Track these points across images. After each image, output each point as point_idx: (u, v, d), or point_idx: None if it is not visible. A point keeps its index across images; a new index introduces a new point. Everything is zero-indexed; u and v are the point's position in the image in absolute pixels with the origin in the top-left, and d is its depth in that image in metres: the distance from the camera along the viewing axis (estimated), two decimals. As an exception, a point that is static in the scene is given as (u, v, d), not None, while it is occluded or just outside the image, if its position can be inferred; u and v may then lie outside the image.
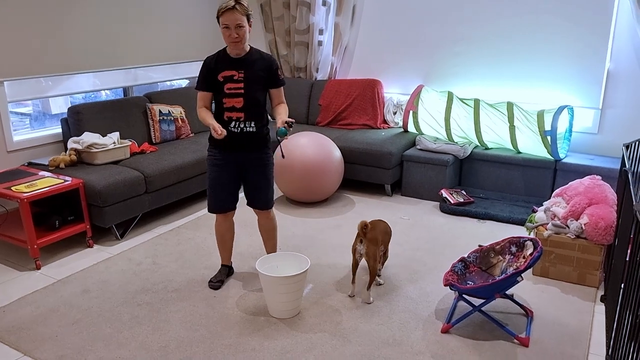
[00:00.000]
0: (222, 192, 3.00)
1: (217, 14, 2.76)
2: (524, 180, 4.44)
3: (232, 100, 2.84)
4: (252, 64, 2.86)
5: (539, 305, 2.96)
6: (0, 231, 3.58)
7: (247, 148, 2.93)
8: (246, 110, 2.86)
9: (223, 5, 2.73)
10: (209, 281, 3.17)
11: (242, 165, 2.97)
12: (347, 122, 5.26)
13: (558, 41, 4.51)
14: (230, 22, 2.72)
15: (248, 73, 2.84)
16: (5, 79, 3.86)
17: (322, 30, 5.39)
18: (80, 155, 3.97)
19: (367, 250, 2.90)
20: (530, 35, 4.60)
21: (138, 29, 4.76)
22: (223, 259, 3.26)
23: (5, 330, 2.73)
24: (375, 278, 2.98)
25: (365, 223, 2.88)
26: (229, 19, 2.72)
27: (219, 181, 2.97)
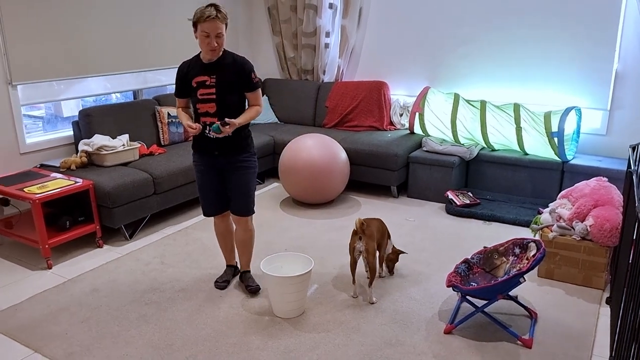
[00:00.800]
0: (211, 196, 3.04)
1: (195, 19, 2.71)
2: (531, 181, 4.43)
3: (205, 105, 2.84)
4: (224, 68, 2.83)
5: (544, 307, 2.96)
6: (13, 231, 3.66)
7: (224, 152, 2.90)
8: (219, 115, 2.82)
9: (204, 14, 2.68)
10: (215, 281, 3.22)
11: (223, 169, 2.97)
12: (354, 124, 5.29)
13: (565, 42, 4.50)
14: (211, 31, 2.70)
15: (220, 78, 2.82)
16: (18, 82, 3.94)
17: (329, 33, 5.43)
18: (90, 157, 4.04)
19: (366, 247, 2.92)
20: (538, 36, 4.60)
21: (147, 32, 4.83)
22: (227, 260, 3.31)
23: (16, 328, 2.80)
24: (375, 275, 3.01)
25: (362, 221, 2.92)
26: (210, 28, 2.69)
27: (205, 186, 3.02)
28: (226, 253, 3.28)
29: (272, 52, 6.05)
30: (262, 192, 4.92)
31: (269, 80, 5.93)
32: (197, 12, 2.72)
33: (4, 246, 3.83)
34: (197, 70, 2.85)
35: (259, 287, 3.13)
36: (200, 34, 2.73)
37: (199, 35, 2.74)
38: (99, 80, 4.58)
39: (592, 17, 4.35)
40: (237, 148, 2.92)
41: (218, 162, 2.94)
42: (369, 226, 2.97)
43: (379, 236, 3.08)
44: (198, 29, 2.72)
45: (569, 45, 4.49)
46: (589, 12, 4.35)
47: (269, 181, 5.25)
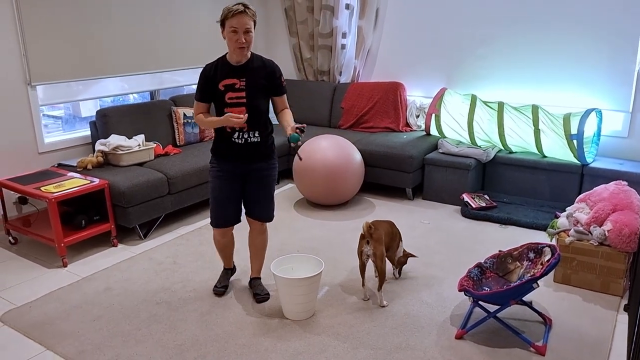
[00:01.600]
0: (227, 205, 2.88)
1: (223, 17, 2.64)
2: (549, 185, 4.35)
3: (235, 110, 2.71)
4: (253, 71, 2.73)
5: (559, 313, 2.90)
6: (31, 230, 3.72)
7: (252, 159, 2.81)
8: (249, 119, 2.71)
9: (232, 8, 2.61)
10: (214, 287, 3.13)
11: (245, 176, 2.86)
12: (369, 125, 5.26)
13: (587, 42, 4.41)
14: (240, 26, 2.60)
15: (250, 81, 2.72)
16: (37, 83, 4.01)
17: (346, 34, 5.41)
18: (106, 156, 4.09)
19: (374, 250, 2.89)
20: (557, 37, 4.51)
21: (164, 34, 4.88)
22: (227, 264, 3.20)
23: (30, 325, 2.84)
24: (385, 279, 2.97)
25: (369, 224, 2.89)
26: (239, 23, 2.60)
27: (223, 194, 2.85)
28: (226, 258, 3.17)
29: (289, 53, 6.05)
30: (277, 193, 4.92)
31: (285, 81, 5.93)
32: (224, 10, 2.65)
33: (22, 244, 3.90)
34: (224, 72, 2.72)
35: (268, 296, 3.06)
36: (228, 31, 2.63)
37: (227, 33, 2.64)
38: (116, 81, 4.64)
39: (614, 18, 4.24)
40: (265, 154, 2.85)
41: (242, 168, 2.82)
42: (377, 229, 2.93)
43: (388, 239, 3.05)
44: (226, 26, 2.64)
45: (590, 46, 4.40)
46: (611, 13, 4.25)
47: (284, 182, 5.25)
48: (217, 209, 2.89)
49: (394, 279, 3.26)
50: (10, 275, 3.42)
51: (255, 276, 3.17)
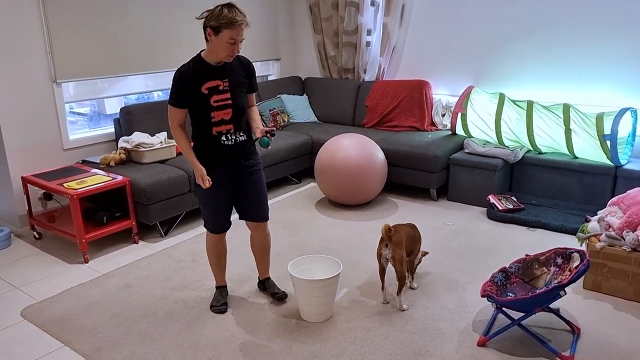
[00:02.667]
0: (224, 210, 2.79)
1: (219, 24, 2.45)
2: (581, 187, 4.18)
3: (221, 112, 2.62)
4: (233, 70, 2.64)
5: (588, 322, 2.77)
6: (54, 225, 3.76)
7: (241, 158, 2.74)
8: (235, 120, 2.66)
9: (235, 20, 2.45)
10: (211, 306, 2.93)
11: (237, 177, 2.77)
12: (394, 124, 5.16)
13: (622, 40, 4.22)
14: (239, 38, 2.50)
15: (232, 80, 2.63)
16: (62, 80, 4.05)
17: (371, 31, 5.32)
18: (129, 154, 4.11)
19: (393, 254, 2.81)
20: (590, 33, 4.33)
21: (188, 31, 4.88)
22: (220, 280, 3.02)
23: (50, 320, 2.86)
24: (404, 283, 2.89)
25: (388, 227, 2.81)
26: (239, 35, 2.49)
27: (220, 200, 2.75)
28: (221, 273, 3.00)
29: (313, 51, 6.00)
30: (298, 192, 4.88)
31: (309, 79, 5.88)
32: (220, 16, 2.45)
33: (46, 239, 3.95)
34: (206, 74, 2.58)
35: (285, 293, 3.01)
36: (223, 40, 2.47)
37: (222, 42, 2.48)
38: (141, 79, 4.66)
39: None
40: (252, 152, 2.81)
41: (234, 169, 2.74)
42: (397, 232, 2.86)
43: (409, 243, 2.96)
44: (222, 34, 2.46)
45: (625, 43, 4.21)
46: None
47: (306, 181, 5.20)
48: (216, 215, 2.79)
49: (412, 289, 3.14)
50: (33, 270, 3.46)
51: (266, 277, 3.10)
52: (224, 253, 2.96)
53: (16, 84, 3.82)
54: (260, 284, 3.13)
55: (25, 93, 3.87)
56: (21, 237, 3.99)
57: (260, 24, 5.63)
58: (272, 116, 5.30)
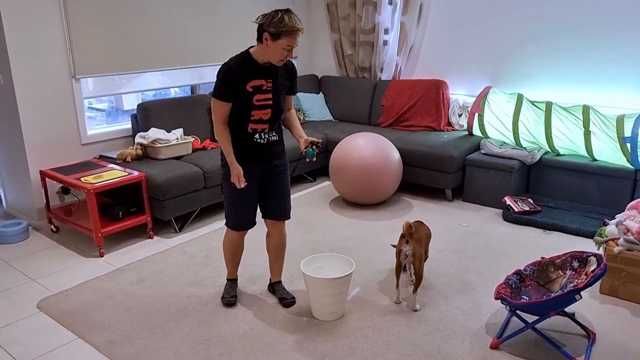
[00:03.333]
0: (252, 209, 2.80)
1: (280, 30, 2.44)
2: (599, 190, 4.11)
3: (261, 112, 2.63)
4: (277, 72, 2.65)
5: (604, 327, 2.72)
6: (71, 219, 3.81)
7: (272, 157, 2.77)
8: (272, 121, 2.69)
9: (295, 27, 2.46)
10: (223, 298, 2.98)
11: (265, 176, 2.78)
12: (410, 124, 5.13)
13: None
14: (295, 45, 2.51)
15: (275, 82, 2.64)
16: (81, 76, 4.10)
17: (388, 30, 5.30)
18: (145, 149, 4.14)
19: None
20: (611, 34, 4.26)
21: (206, 29, 4.90)
22: (232, 274, 3.05)
23: (64, 313, 2.90)
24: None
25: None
26: (296, 42, 2.50)
27: (248, 197, 2.76)
28: (234, 267, 3.02)
29: (330, 49, 5.99)
30: (312, 190, 4.87)
31: (325, 78, 5.88)
32: (281, 23, 2.44)
33: (63, 233, 4.00)
34: (253, 72, 2.58)
35: (294, 300, 2.97)
36: (281, 46, 2.48)
37: (279, 47, 2.48)
38: (158, 75, 4.70)
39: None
40: (282, 151, 2.83)
41: (263, 167, 2.75)
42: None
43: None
44: (281, 41, 2.46)
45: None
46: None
47: (320, 179, 5.20)
48: (241, 212, 2.79)
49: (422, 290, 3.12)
50: (49, 263, 3.51)
51: (277, 280, 3.07)
52: (240, 250, 2.97)
53: (36, 79, 3.87)
54: (270, 287, 3.11)
55: (44, 88, 3.93)
56: (39, 230, 4.05)
57: (277, 22, 5.63)
58: (287, 114, 5.30)
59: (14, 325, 2.81)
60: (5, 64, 3.76)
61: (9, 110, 3.91)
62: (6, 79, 3.82)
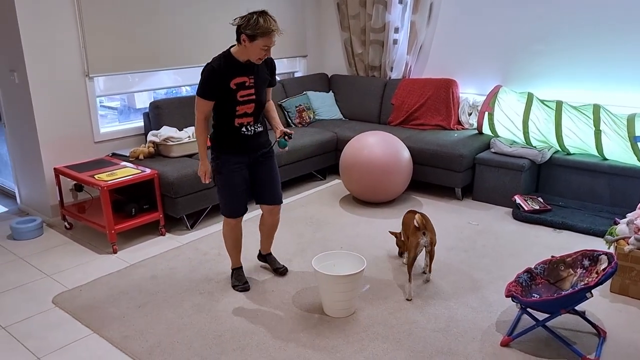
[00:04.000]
0: (241, 196, 2.96)
1: (255, 32, 2.62)
2: (610, 189, 4.11)
3: (245, 107, 2.81)
4: (259, 68, 2.84)
5: (614, 326, 2.73)
6: (84, 216, 3.86)
7: (258, 147, 2.95)
8: (255, 113, 2.88)
9: (270, 29, 2.63)
10: (235, 287, 3.12)
11: (253, 164, 2.96)
12: (420, 123, 5.14)
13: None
14: (271, 44, 2.69)
15: (257, 77, 2.82)
16: (94, 74, 4.15)
17: (398, 29, 5.31)
18: (157, 147, 4.19)
19: (432, 239, 3.01)
20: (622, 32, 4.25)
21: (217, 28, 4.94)
22: (235, 262, 3.19)
23: (80, 308, 2.95)
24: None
25: (421, 216, 3.00)
26: (272, 42, 2.69)
27: (239, 185, 2.92)
28: (238, 254, 3.17)
29: (340, 48, 6.01)
30: (322, 188, 4.90)
31: (335, 76, 5.90)
32: (257, 25, 2.61)
33: (76, 229, 4.06)
34: (235, 70, 2.74)
35: (286, 268, 3.28)
36: (258, 47, 2.66)
37: (256, 48, 2.66)
38: (170, 74, 4.74)
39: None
40: (267, 140, 3.03)
41: (251, 157, 2.93)
42: (427, 221, 3.05)
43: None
44: (257, 41, 2.64)
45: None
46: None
47: (330, 177, 5.23)
48: (234, 200, 2.95)
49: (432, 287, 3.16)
50: (64, 259, 3.56)
51: (268, 252, 3.34)
52: (240, 236, 3.13)
53: (50, 78, 3.92)
54: (261, 258, 3.38)
55: (58, 87, 3.98)
56: (52, 226, 4.10)
57: (287, 21, 5.66)
58: (298, 112, 5.33)
59: (30, 319, 2.86)
60: (20, 63, 3.82)
61: (23, 109, 3.97)
62: (21, 78, 3.87)
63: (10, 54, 3.90)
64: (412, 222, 2.99)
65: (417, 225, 2.93)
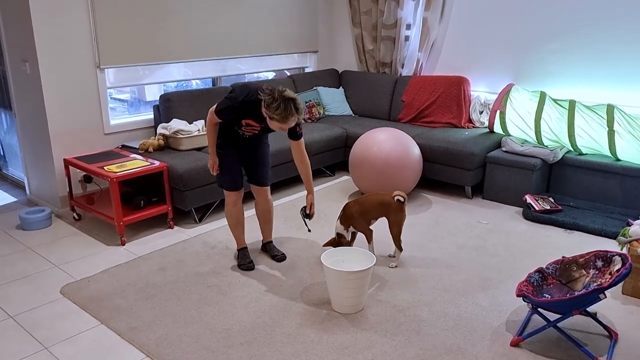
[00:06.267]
0: (237, 170, 3.16)
1: (273, 114, 2.76)
2: (622, 190, 4.06)
3: (248, 130, 3.07)
4: None
5: (627, 328, 2.69)
6: (93, 207, 3.86)
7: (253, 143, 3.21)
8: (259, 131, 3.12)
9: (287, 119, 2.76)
10: (240, 265, 3.28)
11: (248, 146, 3.19)
12: (430, 120, 5.10)
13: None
14: (287, 127, 2.85)
15: (266, 126, 2.99)
16: (106, 66, 4.14)
17: (410, 25, 5.27)
18: (167, 140, 4.18)
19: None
20: (637, 31, 4.19)
21: (228, 22, 4.92)
22: (240, 243, 3.36)
23: (88, 299, 2.94)
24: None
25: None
26: (288, 126, 2.83)
27: (234, 161, 3.14)
28: (241, 235, 3.34)
29: (351, 44, 5.98)
30: (331, 185, 4.88)
31: (345, 72, 5.87)
32: (276, 111, 2.74)
33: (85, 220, 4.06)
34: (251, 115, 2.95)
35: (284, 255, 3.40)
36: (274, 125, 2.84)
37: (273, 124, 2.83)
38: (180, 67, 4.73)
39: None
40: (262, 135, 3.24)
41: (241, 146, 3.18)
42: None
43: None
44: (275, 121, 2.80)
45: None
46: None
47: (339, 174, 5.20)
48: (230, 172, 3.15)
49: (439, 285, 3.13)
50: (72, 250, 3.56)
51: (268, 240, 3.48)
52: (241, 215, 3.28)
53: (62, 69, 3.92)
54: (262, 248, 3.51)
55: (70, 78, 3.98)
56: (61, 217, 4.11)
57: (299, 16, 5.64)
58: (308, 108, 5.31)
59: (38, 309, 2.86)
60: (32, 54, 3.82)
61: (35, 99, 3.97)
62: (33, 68, 3.87)
63: (23, 44, 3.90)
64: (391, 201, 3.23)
65: (403, 200, 3.20)
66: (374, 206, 3.27)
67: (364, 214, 3.25)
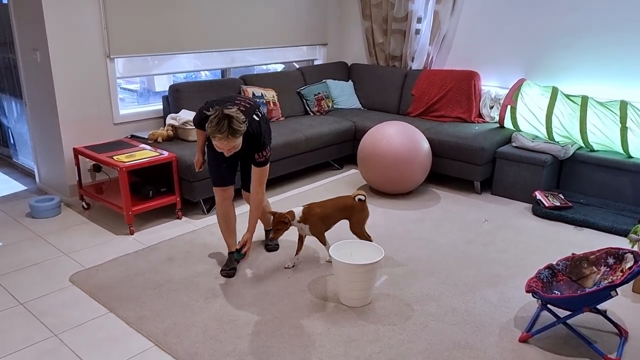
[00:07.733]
0: (225, 166, 3.05)
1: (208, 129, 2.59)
2: (634, 187, 4.02)
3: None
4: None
5: (637, 326, 2.67)
6: (102, 197, 3.87)
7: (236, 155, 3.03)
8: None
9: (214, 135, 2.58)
10: (222, 270, 3.12)
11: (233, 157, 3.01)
12: (440, 114, 5.07)
13: (688, 35, 4.01)
14: (222, 147, 2.66)
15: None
16: (116, 56, 4.14)
17: (421, 18, 5.23)
18: (176, 130, 4.18)
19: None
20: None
21: (238, 13, 4.90)
22: (230, 246, 3.20)
23: (97, 287, 2.96)
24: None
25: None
26: (222, 146, 2.65)
27: (220, 163, 3.04)
28: (230, 239, 3.19)
29: (361, 37, 5.94)
30: (339, 178, 4.87)
31: (355, 65, 5.84)
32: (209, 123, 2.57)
33: (94, 209, 4.08)
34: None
35: (277, 245, 3.45)
36: (215, 144, 2.67)
37: (214, 143, 2.66)
38: (190, 58, 4.72)
39: None
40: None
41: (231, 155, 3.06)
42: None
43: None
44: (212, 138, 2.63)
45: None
46: None
47: (347, 167, 5.19)
48: (218, 169, 3.05)
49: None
50: (81, 239, 3.58)
51: (269, 227, 3.42)
52: (232, 218, 3.17)
53: (72, 58, 3.92)
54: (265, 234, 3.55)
55: (80, 67, 3.98)
56: (70, 206, 4.12)
57: (308, 8, 5.61)
58: (316, 101, 5.29)
59: (47, 297, 2.88)
60: (43, 42, 3.82)
61: (45, 88, 3.98)
62: (43, 57, 3.88)
63: (33, 33, 3.90)
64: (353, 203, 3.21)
65: (364, 199, 3.22)
66: (335, 212, 3.20)
67: (325, 218, 3.18)
